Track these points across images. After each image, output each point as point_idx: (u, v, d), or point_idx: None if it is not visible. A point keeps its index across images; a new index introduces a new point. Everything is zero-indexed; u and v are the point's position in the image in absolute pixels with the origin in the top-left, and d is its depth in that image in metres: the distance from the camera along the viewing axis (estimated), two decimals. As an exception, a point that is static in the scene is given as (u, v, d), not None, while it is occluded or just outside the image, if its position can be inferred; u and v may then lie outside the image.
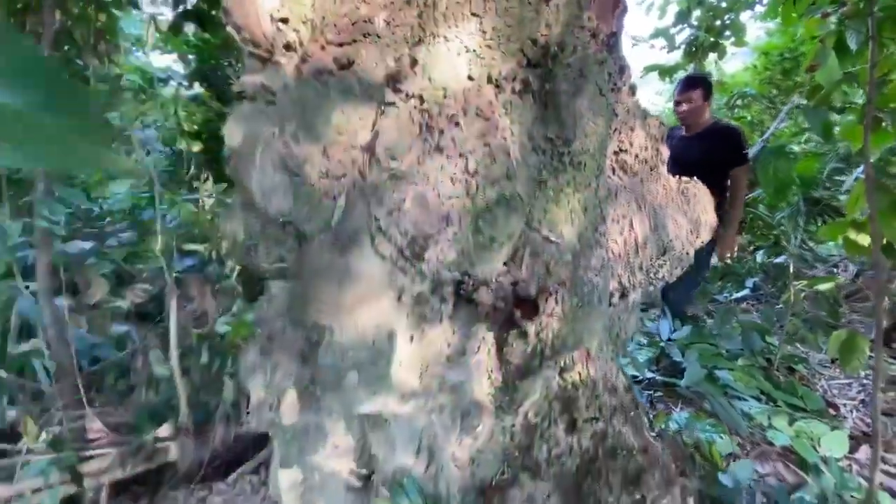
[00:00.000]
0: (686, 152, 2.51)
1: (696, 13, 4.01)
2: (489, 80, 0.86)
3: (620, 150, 1.04)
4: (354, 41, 0.94)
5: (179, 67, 4.83)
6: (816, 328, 2.67)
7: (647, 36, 4.29)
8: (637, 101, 1.09)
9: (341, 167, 0.94)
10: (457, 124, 0.82)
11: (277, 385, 1.38)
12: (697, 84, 2.55)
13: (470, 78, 0.85)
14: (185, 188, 4.17)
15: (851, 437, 2.17)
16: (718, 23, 3.88)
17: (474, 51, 0.84)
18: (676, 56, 4.24)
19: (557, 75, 0.91)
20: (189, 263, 3.09)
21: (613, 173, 1.05)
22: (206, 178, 4.52)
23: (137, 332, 2.48)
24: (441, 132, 0.83)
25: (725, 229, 2.50)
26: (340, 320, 0.96)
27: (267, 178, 0.99)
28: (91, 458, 2.02)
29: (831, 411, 2.36)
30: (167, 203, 3.50)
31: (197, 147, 4.31)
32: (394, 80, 0.89)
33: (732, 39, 3.98)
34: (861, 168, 2.05)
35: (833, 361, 2.83)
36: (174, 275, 2.52)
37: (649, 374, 2.45)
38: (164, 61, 5.12)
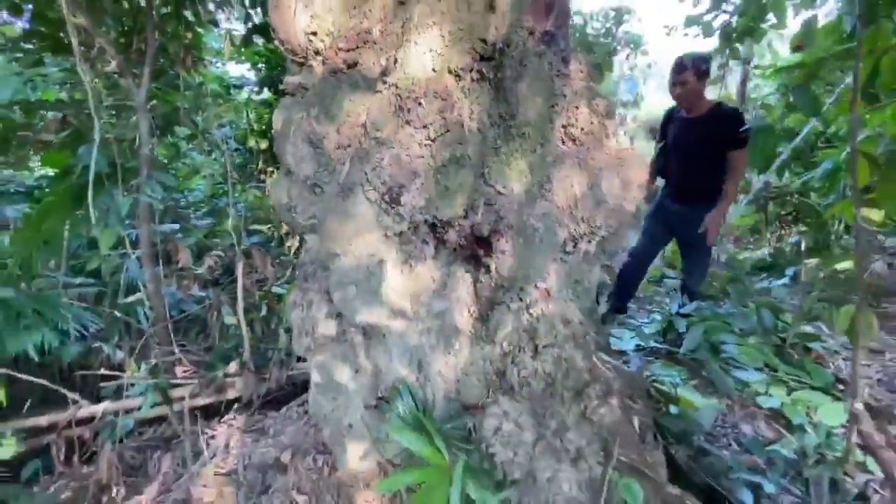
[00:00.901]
0: (686, 134, 2.61)
1: (732, -1, 3.99)
2: (449, 71, 1.17)
3: (568, 124, 1.30)
4: (358, 47, 1.29)
5: (252, 75, 5.51)
6: (832, 306, 2.67)
7: (682, 24, 4.31)
8: (585, 84, 1.35)
9: (348, 140, 1.29)
10: (420, 104, 1.14)
11: (312, 316, 1.78)
12: (688, 66, 2.58)
13: (434, 70, 1.16)
14: (254, 179, 4.81)
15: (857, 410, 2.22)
16: (754, 6, 3.84)
17: (437, 51, 1.15)
18: (713, 42, 4.23)
19: (504, 66, 1.19)
20: (255, 240, 3.65)
21: (563, 143, 1.31)
22: (272, 171, 5.17)
23: (213, 292, 3.03)
24: (409, 110, 1.15)
25: (718, 207, 2.58)
26: (344, 248, 1.32)
27: (298, 150, 1.37)
28: (178, 385, 2.56)
29: (840, 387, 2.40)
30: (238, 191, 4.12)
31: (264, 144, 4.94)
32: (383, 74, 1.23)
33: (773, 21, 3.92)
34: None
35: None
36: (242, 248, 3.05)
37: (654, 344, 2.61)
38: (238, 70, 5.85)
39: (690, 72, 2.55)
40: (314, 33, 1.39)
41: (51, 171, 4.12)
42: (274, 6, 1.45)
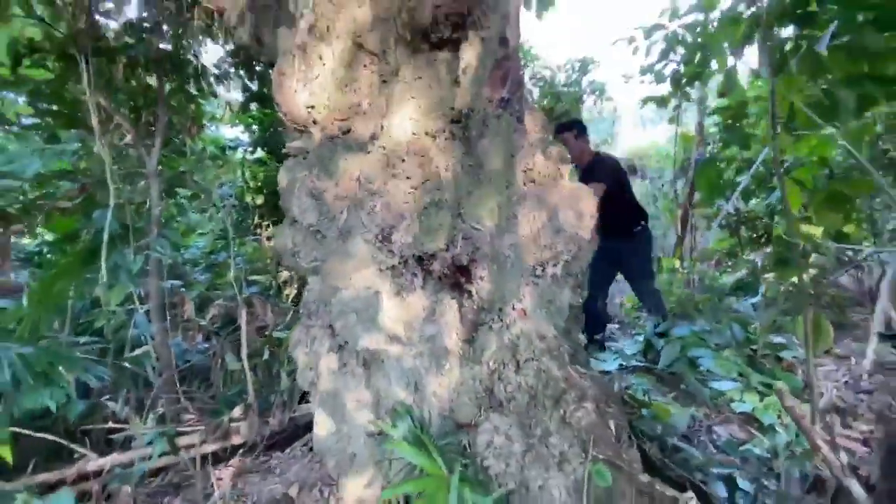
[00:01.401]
0: (584, 182, 2.97)
1: (680, 49, 4.49)
2: (426, 133, 1.44)
3: (528, 169, 1.56)
4: (350, 117, 1.56)
5: (245, 136, 5.88)
6: (794, 317, 2.89)
7: (638, 73, 4.80)
8: (540, 136, 1.62)
9: (345, 192, 1.54)
10: (404, 160, 1.40)
11: (315, 351, 1.95)
12: (563, 129, 3.09)
13: (413, 133, 1.43)
14: (251, 233, 5.04)
15: (828, 412, 2.39)
16: (698, 56, 4.33)
17: (415, 118, 1.42)
18: (666, 87, 4.70)
19: (470, 126, 1.46)
20: (254, 290, 3.82)
21: (524, 185, 1.57)
22: (268, 225, 5.42)
23: (216, 341, 3.17)
24: (395, 165, 1.40)
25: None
26: (344, 283, 1.53)
27: (302, 203, 1.61)
28: (185, 433, 2.65)
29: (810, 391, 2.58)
30: (237, 245, 4.34)
31: (260, 200, 5.23)
32: (372, 138, 1.49)
33: (716, 67, 4.40)
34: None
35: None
36: (243, 297, 3.24)
37: (635, 363, 2.79)
38: (232, 133, 6.25)
39: (567, 133, 3.05)
40: (312, 107, 1.67)
41: (49, 237, 4.34)
42: (278, 85, 1.74)
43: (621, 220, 3.02)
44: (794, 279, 2.91)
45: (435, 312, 1.64)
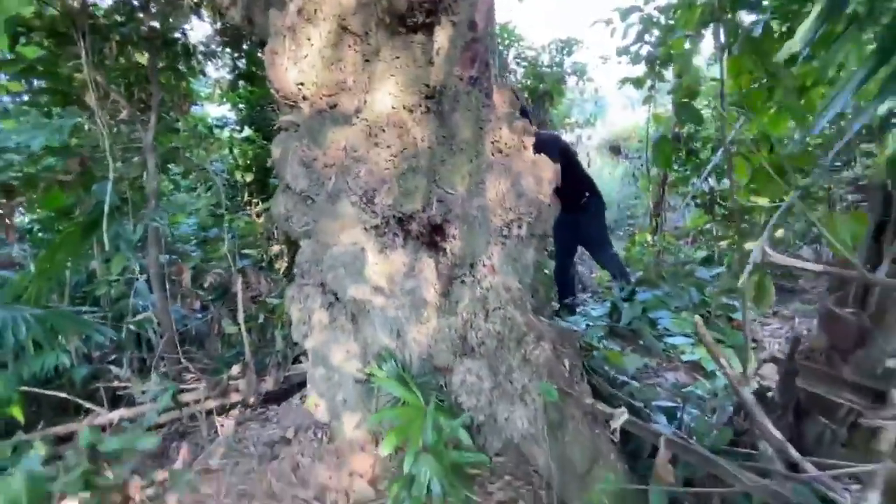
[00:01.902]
0: None
1: (655, 31, 4.67)
2: (404, 107, 1.64)
3: (495, 140, 1.77)
4: (337, 93, 1.75)
5: (231, 115, 5.95)
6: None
7: (615, 53, 4.97)
8: (508, 111, 1.83)
9: (333, 160, 1.73)
10: (384, 131, 1.59)
11: (308, 307, 2.17)
12: None
13: (393, 107, 1.62)
14: (241, 209, 5.18)
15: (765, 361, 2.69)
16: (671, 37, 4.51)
17: (394, 94, 1.61)
18: (641, 68, 4.89)
19: (443, 102, 1.66)
20: (247, 262, 4.01)
21: (492, 154, 1.78)
22: (258, 202, 5.56)
23: (213, 307, 3.37)
24: (376, 136, 1.60)
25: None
26: (334, 240, 1.74)
27: (294, 171, 1.80)
28: (187, 390, 2.87)
29: (753, 345, 2.88)
30: (229, 219, 4.49)
31: (249, 177, 5.35)
32: (357, 112, 1.68)
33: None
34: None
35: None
36: (237, 268, 3.43)
37: (600, 323, 3.06)
38: (218, 112, 6.31)
39: None
40: (302, 83, 1.85)
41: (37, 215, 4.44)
42: (270, 63, 1.91)
43: (571, 193, 3.20)
44: (746, 246, 3.20)
45: (414, 268, 1.86)
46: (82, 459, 1.54)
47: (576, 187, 3.26)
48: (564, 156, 3.15)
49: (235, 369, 2.98)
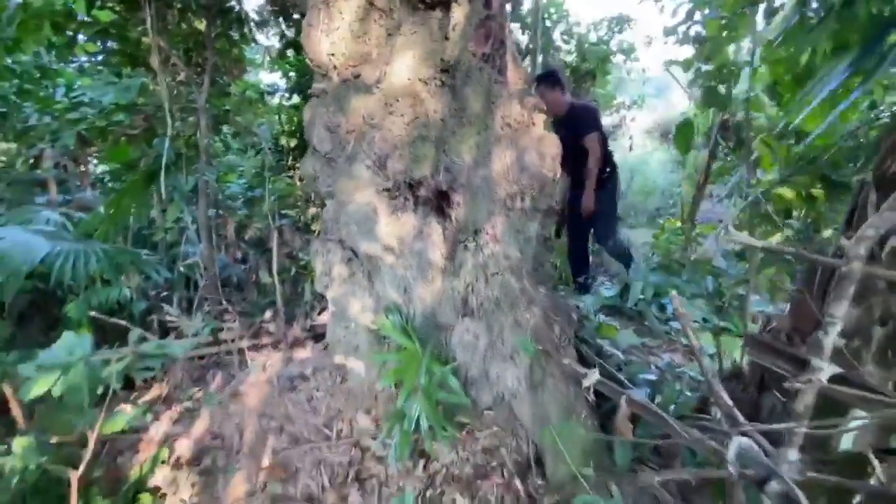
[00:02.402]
0: (561, 134, 3.08)
1: (707, 10, 4.46)
2: (419, 80, 1.77)
3: (505, 115, 1.88)
4: (361, 64, 1.91)
5: (282, 83, 6.24)
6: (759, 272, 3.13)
7: (663, 33, 4.80)
8: (521, 87, 1.92)
9: (353, 126, 1.91)
10: (399, 101, 1.74)
11: (329, 261, 2.40)
12: (538, 83, 3.14)
13: (409, 79, 1.76)
14: (285, 172, 5.51)
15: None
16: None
17: (411, 67, 1.75)
18: (689, 49, 4.70)
19: (456, 76, 1.78)
20: (285, 222, 4.33)
21: (501, 129, 1.89)
22: (300, 166, 5.86)
23: (252, 258, 3.71)
24: (392, 105, 1.75)
25: (587, 187, 3.08)
26: (349, 198, 1.93)
27: (321, 134, 1.99)
28: (224, 329, 3.23)
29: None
30: (272, 181, 4.81)
31: (293, 143, 5.66)
32: (377, 83, 1.84)
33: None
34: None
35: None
36: (275, 226, 3.73)
37: (610, 304, 3.14)
38: (270, 79, 6.63)
39: (541, 87, 3.12)
40: (333, 54, 2.02)
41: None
42: (306, 35, 2.09)
43: (585, 169, 3.19)
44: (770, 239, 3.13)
45: (423, 232, 2.03)
46: (128, 356, 1.84)
47: (583, 161, 3.23)
48: (598, 126, 3.13)
49: (268, 315, 3.32)
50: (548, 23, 6.47)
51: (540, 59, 6.16)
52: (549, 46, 6.47)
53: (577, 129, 3.11)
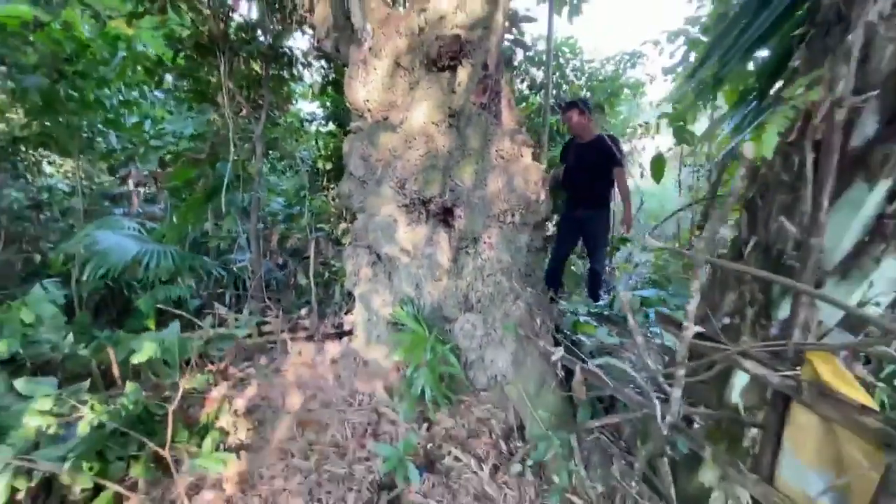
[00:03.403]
0: (583, 156, 3.46)
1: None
2: (432, 123, 2.32)
3: (500, 149, 2.39)
4: (389, 109, 2.48)
5: (320, 111, 7.00)
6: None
7: (661, 72, 5.28)
8: (514, 127, 2.44)
9: (381, 157, 2.47)
10: (415, 138, 2.29)
11: (358, 264, 2.94)
12: (571, 107, 3.50)
13: (424, 122, 2.31)
14: (320, 191, 6.18)
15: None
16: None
17: (426, 112, 2.30)
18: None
19: (460, 120, 2.32)
20: (320, 234, 4.95)
21: (495, 160, 2.40)
22: (333, 187, 6.53)
23: (291, 263, 4.31)
24: (411, 142, 2.30)
25: (624, 210, 3.48)
26: (376, 211, 2.48)
27: (356, 162, 2.57)
28: (267, 323, 3.80)
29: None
30: (310, 199, 5.47)
31: (329, 166, 6.35)
32: (400, 124, 2.40)
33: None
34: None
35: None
36: (312, 237, 4.33)
37: (598, 311, 3.55)
38: (309, 108, 7.43)
39: (574, 111, 3.49)
40: (368, 101, 2.61)
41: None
42: (348, 85, 2.69)
43: (601, 191, 3.54)
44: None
45: (432, 239, 2.56)
46: (206, 335, 2.40)
47: (600, 184, 3.54)
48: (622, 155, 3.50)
49: (304, 312, 3.88)
50: (561, 60, 7.06)
51: (553, 93, 6.73)
52: (563, 81, 7.05)
53: (602, 157, 3.42)
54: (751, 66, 1.90)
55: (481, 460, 2.18)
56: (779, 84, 1.56)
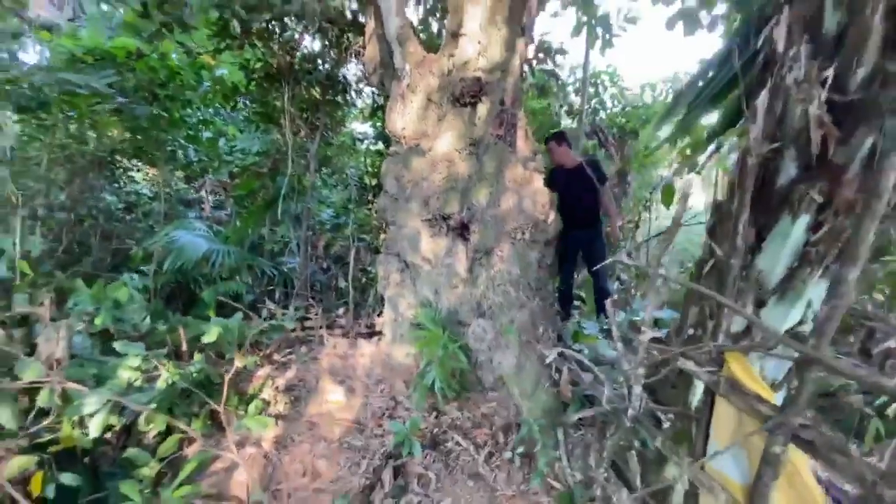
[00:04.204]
0: (572, 181, 3.63)
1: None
2: (455, 150, 2.69)
3: (512, 175, 2.72)
4: (421, 137, 2.89)
5: (370, 131, 7.61)
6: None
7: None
8: (527, 154, 2.77)
9: (411, 178, 2.87)
10: (439, 163, 2.67)
11: (388, 270, 3.34)
12: (549, 140, 3.74)
13: (447, 150, 2.69)
14: (365, 205, 6.72)
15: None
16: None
17: (450, 140, 2.68)
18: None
19: (479, 148, 2.67)
20: (362, 244, 5.43)
21: (508, 184, 2.73)
22: (376, 201, 7.01)
23: (334, 268, 4.80)
24: (437, 166, 2.68)
25: (611, 225, 3.69)
26: (405, 225, 2.87)
27: (390, 182, 2.99)
28: (308, 318, 4.28)
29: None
30: (355, 211, 6.00)
31: (374, 182, 6.90)
32: (429, 150, 2.79)
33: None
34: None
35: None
36: (354, 245, 4.81)
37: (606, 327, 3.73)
38: (361, 128, 8.09)
39: (553, 143, 3.74)
40: (404, 129, 3.04)
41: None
42: (388, 115, 3.14)
43: (592, 211, 3.74)
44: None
45: (451, 250, 2.91)
46: (260, 325, 2.88)
47: (590, 204, 3.74)
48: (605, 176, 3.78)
49: (341, 311, 4.34)
50: (600, 87, 7.30)
51: (588, 118, 6.97)
52: (601, 108, 7.27)
53: (590, 180, 3.62)
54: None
55: (479, 447, 2.46)
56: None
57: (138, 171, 7.12)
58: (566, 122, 7.37)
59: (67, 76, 3.23)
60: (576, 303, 5.01)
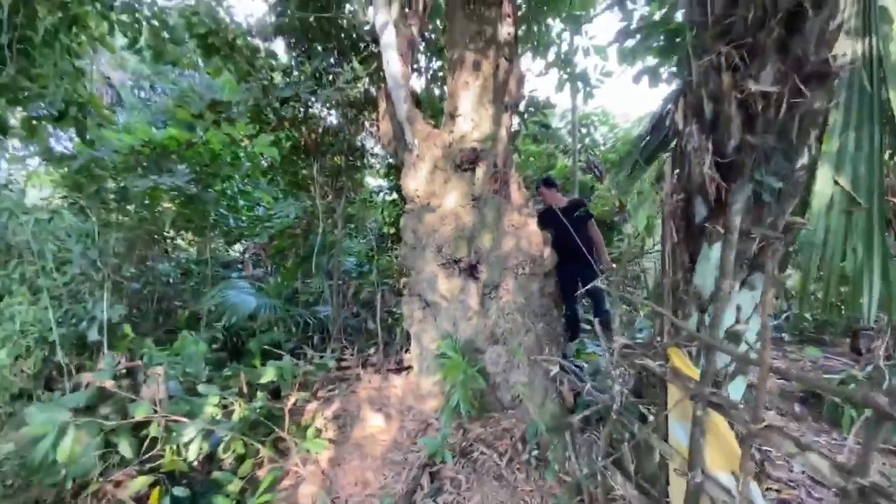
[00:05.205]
0: (561, 221, 4.11)
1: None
2: (460, 206, 3.27)
3: (509, 221, 3.27)
4: (430, 196, 3.50)
5: (385, 184, 8.35)
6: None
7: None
8: (521, 202, 3.33)
9: (425, 230, 3.46)
10: (448, 216, 3.24)
11: (412, 309, 3.88)
12: (539, 185, 4.29)
13: (453, 206, 3.27)
14: (385, 252, 7.34)
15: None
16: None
17: (456, 198, 3.27)
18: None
19: (480, 202, 3.26)
20: (386, 287, 6.00)
21: (507, 228, 3.28)
22: (395, 248, 7.64)
23: (363, 312, 5.35)
24: (445, 219, 3.26)
25: (601, 255, 4.10)
26: (422, 269, 3.42)
27: (408, 234, 3.58)
28: (344, 359, 4.80)
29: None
30: (377, 260, 6.61)
31: (392, 230, 7.57)
32: (438, 206, 3.38)
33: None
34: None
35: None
36: (379, 289, 5.38)
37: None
38: (375, 181, 8.87)
39: (543, 188, 4.27)
40: (416, 190, 3.66)
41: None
42: (402, 179, 3.77)
43: (584, 246, 4.22)
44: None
45: (464, 288, 3.44)
46: (306, 367, 3.41)
47: (581, 240, 4.24)
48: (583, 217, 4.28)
49: (372, 351, 4.85)
50: (591, 127, 7.96)
51: (584, 155, 7.59)
52: (592, 146, 7.90)
53: (579, 217, 4.10)
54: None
55: (501, 455, 2.89)
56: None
57: (182, 239, 7.95)
58: (563, 160, 8.01)
59: (162, 180, 3.98)
60: (587, 326, 5.41)
